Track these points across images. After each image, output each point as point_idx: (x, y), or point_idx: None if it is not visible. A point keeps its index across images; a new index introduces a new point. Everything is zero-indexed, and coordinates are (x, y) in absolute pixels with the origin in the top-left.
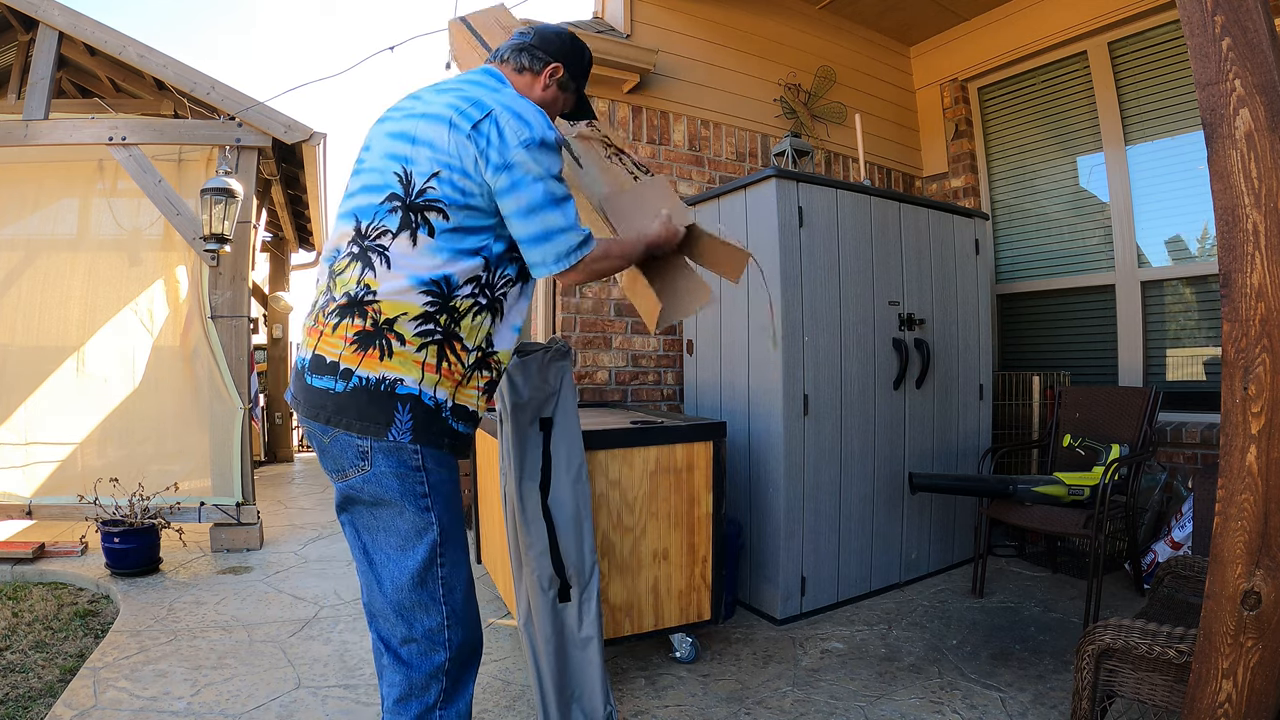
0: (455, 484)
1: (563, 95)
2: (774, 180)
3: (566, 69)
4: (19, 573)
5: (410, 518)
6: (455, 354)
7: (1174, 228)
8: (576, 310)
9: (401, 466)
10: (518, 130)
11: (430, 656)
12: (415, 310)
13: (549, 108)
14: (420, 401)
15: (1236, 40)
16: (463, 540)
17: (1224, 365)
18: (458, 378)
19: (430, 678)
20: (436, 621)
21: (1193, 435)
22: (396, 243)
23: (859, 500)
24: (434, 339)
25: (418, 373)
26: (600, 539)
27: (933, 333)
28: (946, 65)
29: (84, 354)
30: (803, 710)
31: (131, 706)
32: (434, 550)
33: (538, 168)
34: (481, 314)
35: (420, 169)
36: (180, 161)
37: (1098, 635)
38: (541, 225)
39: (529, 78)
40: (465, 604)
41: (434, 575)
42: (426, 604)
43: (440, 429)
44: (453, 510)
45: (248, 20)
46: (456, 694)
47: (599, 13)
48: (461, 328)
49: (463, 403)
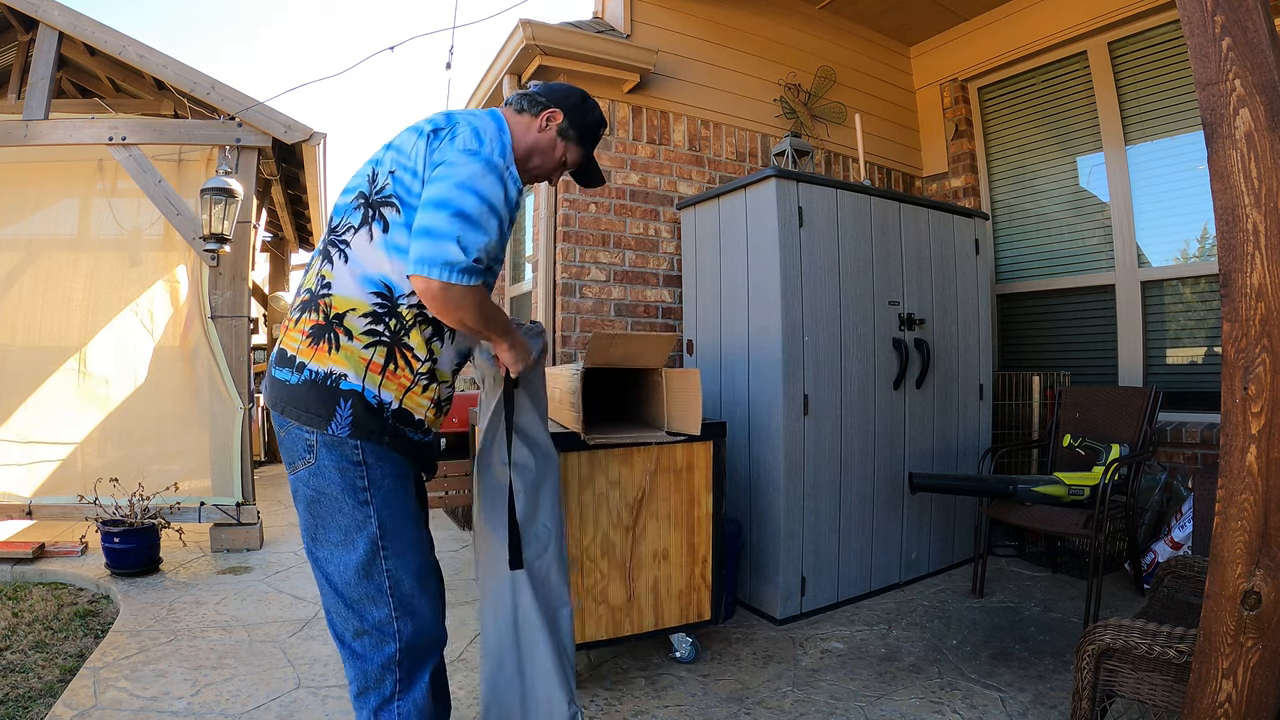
0: (400, 480)
1: (563, 144)
2: (774, 180)
3: (566, 116)
4: (19, 573)
5: (350, 511)
6: (406, 360)
7: (1174, 228)
8: (577, 310)
9: (343, 461)
10: (468, 141)
11: (381, 648)
12: (364, 308)
13: (546, 152)
14: (362, 398)
15: (1236, 40)
16: (410, 534)
17: (1224, 365)
18: (405, 383)
19: (384, 669)
20: (385, 613)
21: (1193, 435)
22: (357, 238)
23: (859, 500)
24: (382, 341)
25: (361, 369)
26: (600, 539)
27: (933, 333)
28: (946, 65)
29: (84, 354)
30: (803, 710)
31: (131, 706)
32: (375, 544)
33: (465, 175)
34: (426, 326)
35: (384, 169)
36: (180, 161)
37: (1098, 635)
38: (434, 222)
39: (526, 119)
40: (414, 596)
41: (378, 568)
42: (374, 596)
43: (379, 427)
44: (395, 505)
45: (250, 33)
46: (412, 684)
47: (599, 13)
48: (410, 337)
49: (409, 408)
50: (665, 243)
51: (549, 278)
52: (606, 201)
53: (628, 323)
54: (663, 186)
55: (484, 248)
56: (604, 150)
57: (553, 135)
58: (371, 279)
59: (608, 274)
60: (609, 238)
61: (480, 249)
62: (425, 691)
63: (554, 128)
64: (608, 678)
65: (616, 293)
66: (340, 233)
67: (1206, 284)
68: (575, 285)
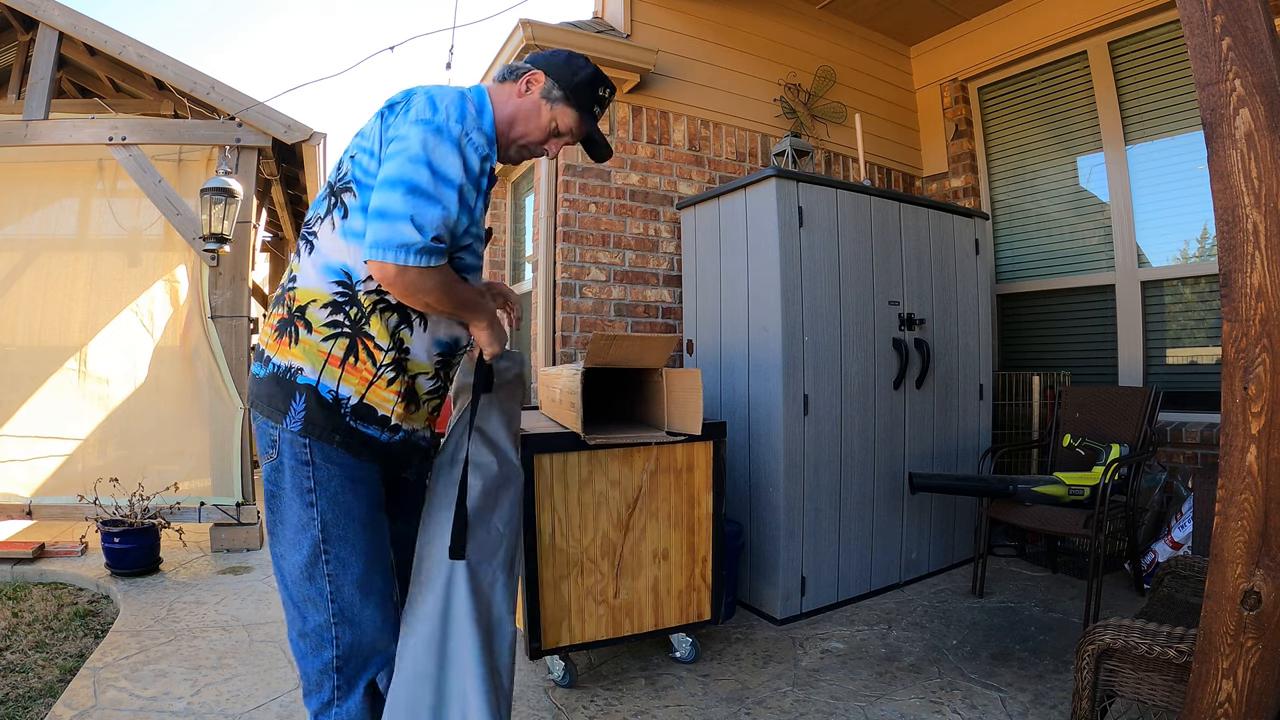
0: (352, 483)
1: (549, 108)
2: (774, 180)
3: (549, 76)
4: (19, 573)
5: (297, 511)
6: (368, 351)
7: (1174, 228)
8: (577, 310)
9: (294, 459)
10: (421, 110)
11: (319, 653)
12: (324, 298)
13: (529, 118)
14: (316, 393)
15: (1236, 40)
16: (358, 541)
17: (1224, 365)
18: (367, 376)
19: (321, 674)
20: (324, 618)
21: (1193, 435)
22: (322, 228)
23: (859, 500)
24: (343, 332)
25: (319, 363)
26: (600, 539)
27: (933, 333)
28: (946, 65)
29: (84, 354)
30: (803, 710)
31: (131, 706)
32: (317, 547)
33: (417, 147)
34: (389, 313)
35: (348, 154)
36: (180, 161)
37: (1098, 635)
38: (387, 202)
39: (508, 87)
40: (355, 605)
41: (320, 572)
42: (315, 600)
43: (334, 425)
44: (340, 509)
45: (250, 33)
46: (351, 691)
47: (599, 13)
48: (371, 325)
49: (372, 403)
50: (665, 243)
51: (549, 278)
52: (606, 202)
53: (628, 323)
54: (663, 186)
55: (441, 223)
56: None
57: (535, 99)
58: (333, 268)
59: (608, 274)
60: (609, 238)
61: (437, 226)
62: (361, 701)
63: (536, 90)
64: (608, 678)
65: (616, 293)
66: (310, 225)
67: (1206, 284)
68: (575, 285)
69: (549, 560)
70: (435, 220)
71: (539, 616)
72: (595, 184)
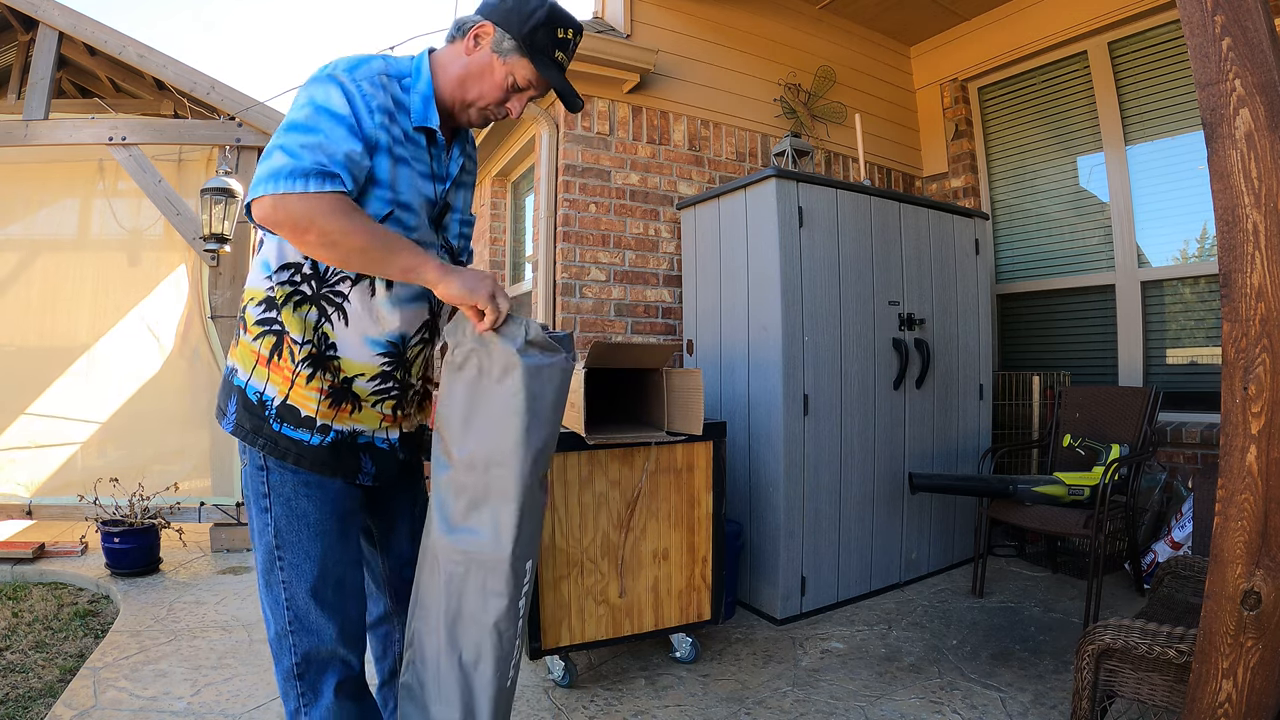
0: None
1: (503, 62)
2: (774, 180)
3: (499, 26)
4: (19, 573)
5: (255, 516)
6: (289, 347)
7: (1174, 228)
8: (577, 310)
9: (251, 464)
10: (315, 72)
11: (280, 660)
12: (259, 295)
13: (481, 75)
14: (244, 394)
15: (1236, 40)
16: (312, 548)
17: (1224, 365)
18: (288, 374)
19: (285, 681)
20: (281, 625)
21: (1193, 435)
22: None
23: (859, 500)
24: (271, 329)
25: (250, 363)
26: (600, 539)
27: (933, 333)
28: (946, 65)
29: (84, 354)
30: (803, 710)
31: (131, 706)
32: (271, 553)
33: (301, 94)
34: (305, 305)
35: None
36: (180, 161)
37: (1098, 635)
38: (268, 147)
39: (457, 45)
40: (309, 612)
41: (275, 578)
42: (274, 606)
43: (256, 427)
44: (293, 514)
45: (250, 32)
46: (318, 695)
47: (599, 13)
48: (284, 317)
49: (295, 404)
50: (665, 243)
51: (549, 278)
52: (606, 201)
53: (628, 323)
54: (663, 186)
55: (317, 147)
56: (604, 150)
57: (486, 54)
58: (265, 262)
59: (608, 274)
60: (609, 238)
61: (314, 150)
62: (333, 704)
63: (486, 43)
64: (608, 678)
65: (616, 293)
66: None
67: (1206, 284)
68: (575, 285)
69: (549, 560)
70: (310, 143)
71: (539, 616)
72: (595, 184)
